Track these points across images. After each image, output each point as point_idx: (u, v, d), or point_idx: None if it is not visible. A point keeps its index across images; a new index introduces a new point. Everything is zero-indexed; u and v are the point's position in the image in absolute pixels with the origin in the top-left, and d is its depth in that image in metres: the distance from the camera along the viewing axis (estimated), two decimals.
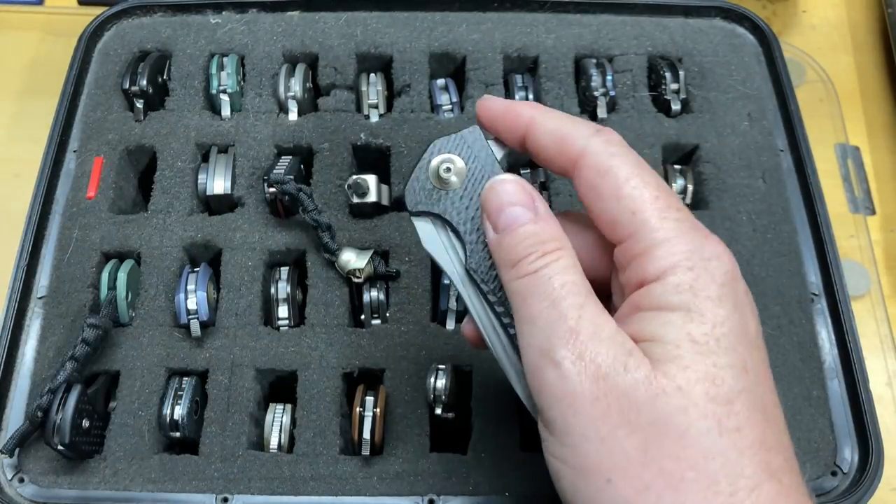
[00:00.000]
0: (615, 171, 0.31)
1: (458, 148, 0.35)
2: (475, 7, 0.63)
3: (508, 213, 0.32)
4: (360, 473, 0.47)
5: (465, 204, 0.35)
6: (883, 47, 0.72)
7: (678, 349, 0.28)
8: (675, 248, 0.30)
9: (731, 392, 0.28)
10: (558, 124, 0.34)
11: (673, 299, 0.29)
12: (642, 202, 0.31)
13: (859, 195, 0.63)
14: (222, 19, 0.62)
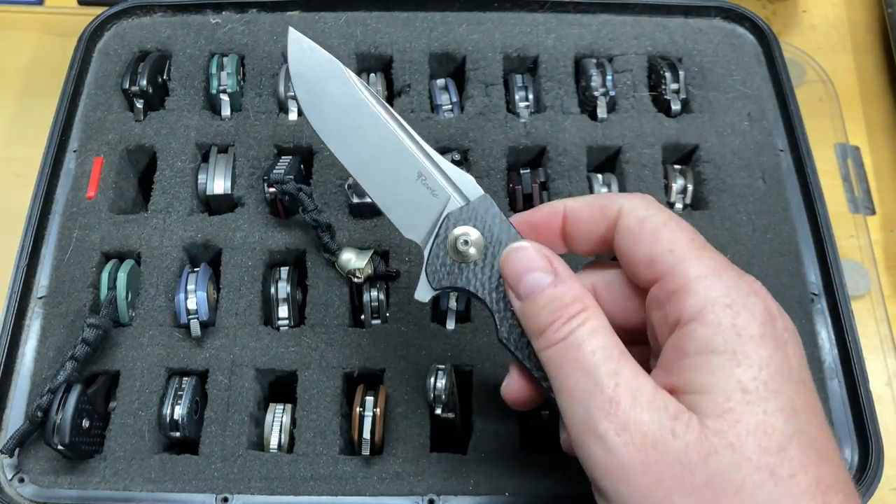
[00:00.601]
0: (652, 218, 0.33)
1: (472, 218, 0.36)
2: (475, 7, 0.63)
3: (528, 279, 0.33)
4: (360, 473, 0.47)
5: (486, 274, 0.36)
6: (883, 47, 0.72)
7: (729, 401, 0.28)
8: (712, 284, 0.30)
9: (783, 438, 0.28)
10: (593, 198, 0.36)
11: (717, 341, 0.29)
12: (679, 242, 0.32)
13: (859, 195, 0.63)
14: (222, 19, 0.62)
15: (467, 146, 0.57)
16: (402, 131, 0.38)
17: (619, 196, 0.35)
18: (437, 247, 0.36)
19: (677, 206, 0.57)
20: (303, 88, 0.38)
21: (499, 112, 0.58)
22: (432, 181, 0.37)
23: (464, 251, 0.35)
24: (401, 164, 0.38)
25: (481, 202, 0.36)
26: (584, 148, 0.57)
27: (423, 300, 0.36)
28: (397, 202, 0.38)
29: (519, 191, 0.56)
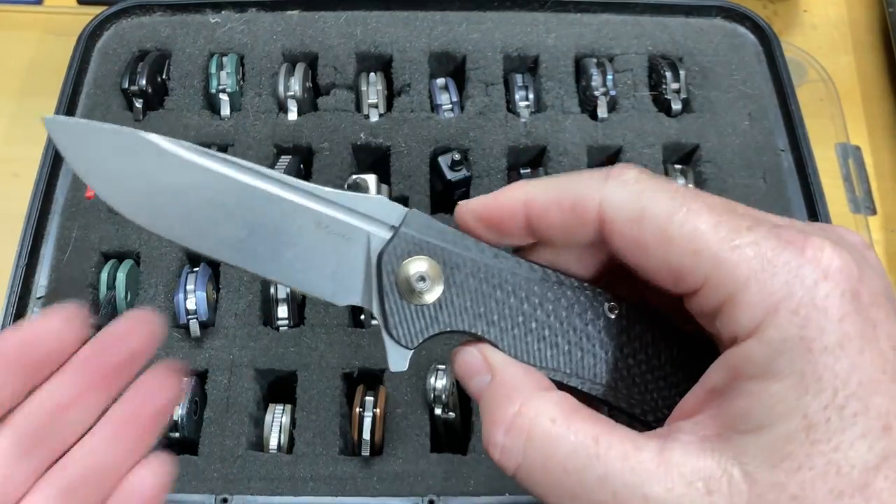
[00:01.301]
0: (651, 210, 0.24)
1: (410, 247, 0.27)
2: (475, 6, 0.62)
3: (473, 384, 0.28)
4: (359, 474, 0.47)
5: (463, 302, 0.28)
6: (884, 47, 0.71)
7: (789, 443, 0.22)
8: (766, 286, 0.22)
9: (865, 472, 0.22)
10: (559, 190, 0.26)
11: (780, 364, 0.22)
12: (702, 236, 0.23)
13: (860, 195, 0.63)
14: (222, 19, 0.62)
15: (467, 146, 0.57)
16: (262, 180, 0.27)
17: (589, 184, 0.26)
18: (388, 299, 0.27)
19: None
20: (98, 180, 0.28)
21: (499, 112, 0.58)
22: (336, 223, 0.28)
23: (423, 289, 0.27)
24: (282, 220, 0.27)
25: (411, 220, 0.27)
26: (585, 148, 0.57)
27: (402, 369, 0.28)
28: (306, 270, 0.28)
29: None
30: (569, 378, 0.28)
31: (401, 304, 0.27)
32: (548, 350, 0.27)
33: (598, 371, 0.27)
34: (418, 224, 0.27)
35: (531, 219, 0.27)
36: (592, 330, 0.28)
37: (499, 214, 0.28)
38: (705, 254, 0.23)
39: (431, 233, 0.27)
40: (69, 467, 0.27)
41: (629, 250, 0.25)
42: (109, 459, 0.28)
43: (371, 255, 0.28)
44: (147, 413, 0.29)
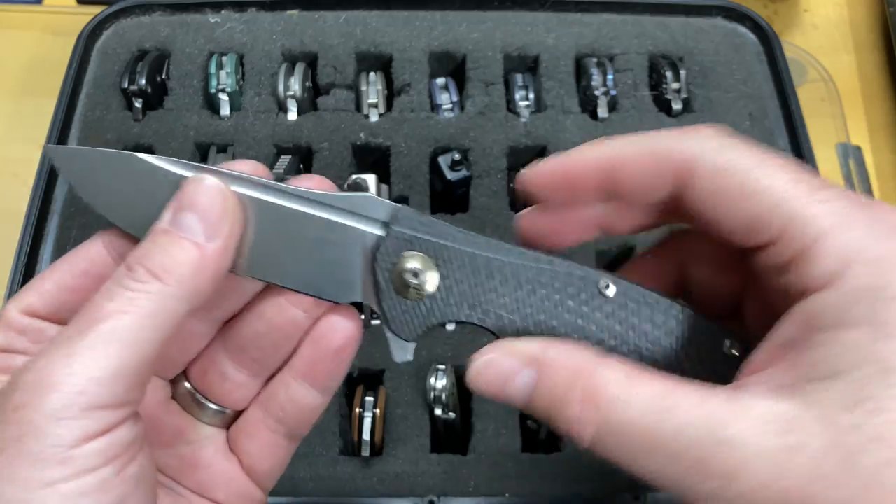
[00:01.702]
0: (735, 163, 0.25)
1: (402, 242, 0.28)
2: (475, 6, 0.62)
3: (514, 390, 0.27)
4: (359, 474, 0.47)
5: (457, 285, 0.28)
6: (884, 47, 0.71)
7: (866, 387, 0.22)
8: (843, 236, 0.23)
9: None
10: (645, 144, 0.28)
11: (854, 312, 0.22)
12: (782, 191, 0.24)
13: (861, 195, 0.63)
14: (221, 18, 0.62)
15: (467, 146, 0.57)
16: (255, 189, 0.28)
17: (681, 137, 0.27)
18: (385, 296, 0.28)
19: None
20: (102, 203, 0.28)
21: (499, 111, 0.58)
22: (330, 225, 0.28)
23: (419, 285, 0.28)
24: (279, 226, 0.28)
25: (402, 217, 0.28)
26: None
27: (406, 360, 0.29)
28: (307, 273, 0.29)
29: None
30: None
31: (398, 299, 0.28)
32: (545, 334, 0.28)
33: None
34: (409, 220, 0.28)
35: (614, 173, 0.28)
36: (587, 310, 0.28)
37: (578, 170, 0.29)
38: (784, 207, 0.24)
39: (422, 228, 0.28)
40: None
41: (709, 202, 0.26)
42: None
43: (367, 252, 0.28)
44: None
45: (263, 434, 0.31)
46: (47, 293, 0.27)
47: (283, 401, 0.31)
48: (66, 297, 0.28)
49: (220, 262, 0.26)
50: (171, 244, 0.25)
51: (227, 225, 0.26)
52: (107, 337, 0.23)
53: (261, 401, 0.31)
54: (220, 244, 0.26)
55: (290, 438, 0.32)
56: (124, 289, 0.24)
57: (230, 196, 0.27)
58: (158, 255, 0.25)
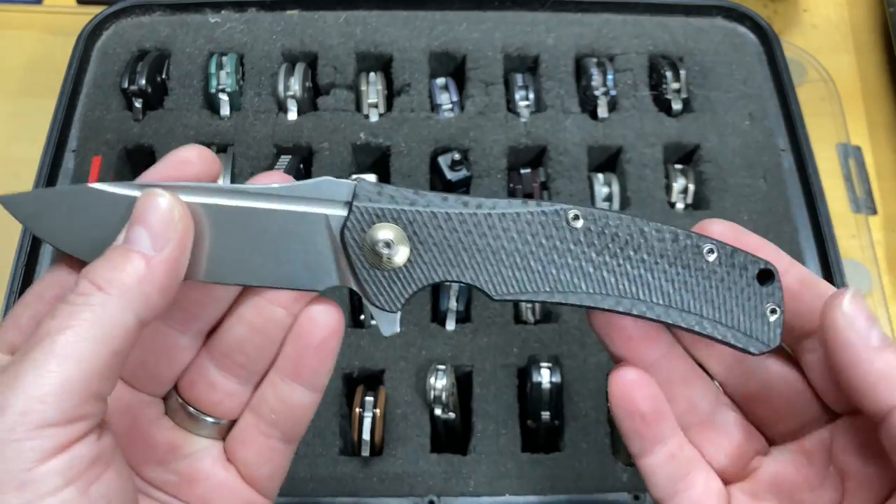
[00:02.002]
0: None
1: (368, 216, 0.28)
2: (475, 6, 0.62)
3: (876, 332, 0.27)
4: (359, 474, 0.47)
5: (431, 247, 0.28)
6: (884, 47, 0.71)
7: None
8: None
9: None
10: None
11: None
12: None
13: (861, 195, 0.63)
14: (221, 18, 0.62)
15: (467, 146, 0.57)
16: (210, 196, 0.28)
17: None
18: (360, 272, 0.28)
19: (678, 206, 0.57)
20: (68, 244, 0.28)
21: (499, 111, 0.58)
22: (293, 215, 0.28)
23: (390, 255, 0.28)
24: (241, 227, 0.28)
25: (361, 192, 0.28)
26: (585, 147, 0.57)
27: (395, 331, 0.29)
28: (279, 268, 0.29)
29: (519, 190, 0.56)
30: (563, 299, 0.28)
31: (373, 273, 0.28)
32: (524, 276, 0.28)
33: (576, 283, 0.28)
34: (369, 193, 0.28)
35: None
36: (560, 244, 0.28)
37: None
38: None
39: (384, 199, 0.28)
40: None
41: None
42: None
43: (334, 234, 0.28)
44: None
45: (258, 440, 0.31)
46: (25, 327, 0.27)
47: (272, 403, 0.30)
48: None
49: (170, 271, 0.26)
50: (119, 258, 0.25)
51: (175, 234, 0.26)
52: (48, 353, 0.23)
53: (251, 406, 0.31)
54: (167, 253, 0.26)
55: (285, 441, 0.31)
56: (67, 304, 0.24)
57: (177, 206, 0.27)
58: (102, 269, 0.25)
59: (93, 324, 0.24)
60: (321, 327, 0.29)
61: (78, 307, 0.24)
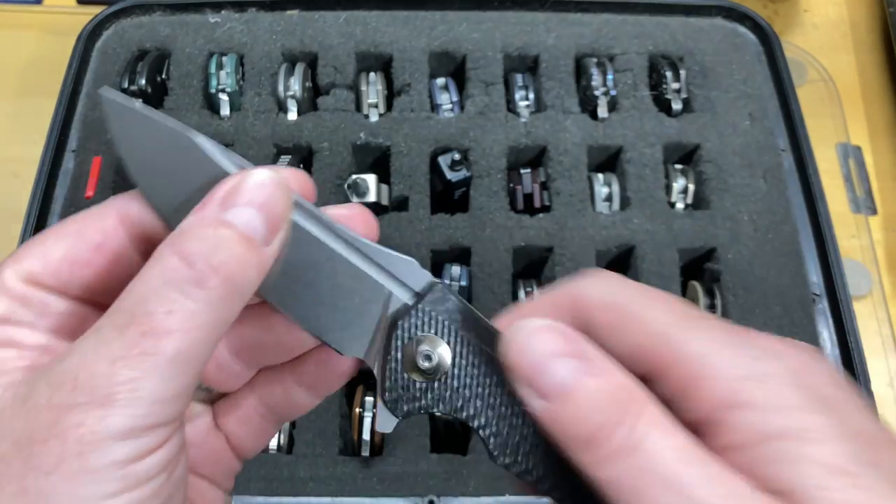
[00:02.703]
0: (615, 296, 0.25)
1: (427, 320, 0.26)
2: (475, 6, 0.62)
3: (555, 371, 0.23)
4: (359, 474, 0.47)
5: (464, 382, 0.26)
6: (884, 47, 0.71)
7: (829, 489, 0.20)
8: (719, 360, 0.23)
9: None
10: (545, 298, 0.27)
11: (776, 423, 0.21)
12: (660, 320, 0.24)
13: (861, 195, 0.63)
14: (221, 18, 0.62)
15: (467, 146, 0.57)
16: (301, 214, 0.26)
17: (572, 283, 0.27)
18: (391, 366, 0.27)
19: (678, 206, 0.57)
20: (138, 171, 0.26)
21: (499, 111, 0.58)
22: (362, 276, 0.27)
23: (427, 369, 0.26)
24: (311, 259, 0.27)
25: (434, 294, 0.27)
26: (585, 147, 0.57)
27: (387, 431, 0.27)
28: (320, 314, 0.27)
29: (519, 190, 0.56)
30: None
31: (401, 374, 0.27)
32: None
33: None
34: (442, 299, 0.27)
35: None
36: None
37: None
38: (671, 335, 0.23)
39: (452, 313, 0.27)
40: None
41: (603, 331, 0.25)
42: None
43: (386, 314, 0.27)
44: None
45: (254, 420, 0.30)
46: (54, 263, 0.24)
47: (279, 399, 0.30)
48: (76, 272, 0.25)
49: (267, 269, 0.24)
50: (234, 243, 0.22)
51: (284, 230, 0.24)
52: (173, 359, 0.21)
53: (255, 391, 0.30)
54: (276, 248, 0.24)
55: (278, 424, 0.31)
56: (185, 297, 0.22)
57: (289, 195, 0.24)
58: (224, 255, 0.22)
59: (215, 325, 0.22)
60: (347, 360, 0.29)
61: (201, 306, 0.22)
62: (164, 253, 0.22)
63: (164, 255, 0.22)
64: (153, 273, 0.22)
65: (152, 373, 0.21)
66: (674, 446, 0.22)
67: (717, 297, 0.54)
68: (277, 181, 0.24)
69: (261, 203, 0.23)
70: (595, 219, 0.55)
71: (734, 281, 0.53)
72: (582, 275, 0.27)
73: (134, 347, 0.21)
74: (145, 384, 0.21)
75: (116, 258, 0.25)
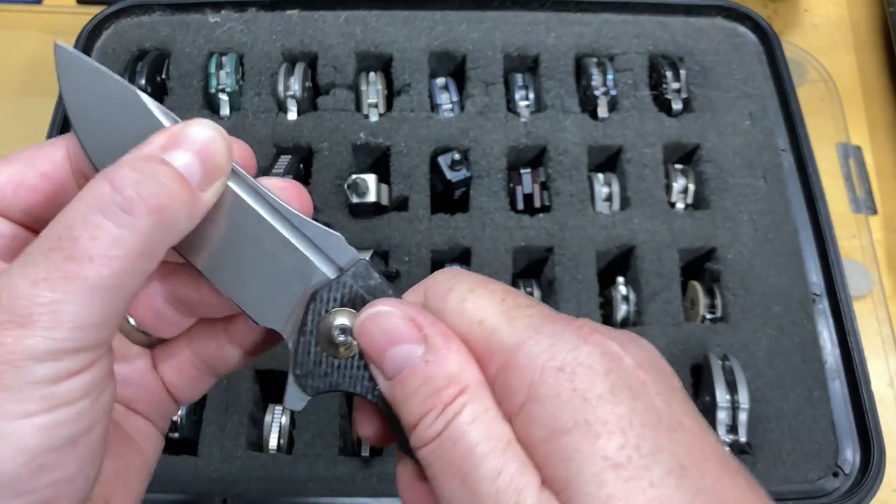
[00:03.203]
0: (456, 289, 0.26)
1: (347, 295, 0.26)
2: (475, 6, 0.62)
3: (392, 355, 0.24)
4: (359, 474, 0.47)
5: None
6: (884, 46, 0.71)
7: (604, 486, 0.21)
8: (533, 348, 0.23)
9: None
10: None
11: (562, 417, 0.22)
12: (487, 309, 0.25)
13: (861, 195, 0.63)
14: (221, 18, 0.62)
15: (467, 146, 0.57)
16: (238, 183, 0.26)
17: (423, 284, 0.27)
18: (306, 339, 0.26)
19: (679, 206, 0.57)
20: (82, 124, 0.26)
21: (499, 111, 0.58)
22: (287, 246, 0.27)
23: (342, 343, 0.26)
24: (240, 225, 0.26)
25: (358, 271, 0.26)
26: (585, 147, 0.57)
27: (296, 409, 0.27)
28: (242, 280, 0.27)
29: (519, 190, 0.56)
30: None
31: (315, 350, 0.26)
32: None
33: None
34: (365, 275, 0.26)
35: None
36: None
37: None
38: (487, 322, 0.24)
39: (373, 290, 0.26)
40: None
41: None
42: None
43: (307, 289, 0.27)
44: None
45: (189, 371, 0.30)
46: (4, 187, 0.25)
47: (212, 353, 0.30)
48: (20, 195, 0.25)
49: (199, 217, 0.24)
50: (168, 178, 0.23)
51: (221, 181, 0.24)
52: (95, 284, 0.21)
53: (191, 343, 0.30)
54: (210, 197, 0.24)
55: (213, 377, 0.31)
56: (112, 223, 0.22)
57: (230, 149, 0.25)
58: (155, 187, 0.22)
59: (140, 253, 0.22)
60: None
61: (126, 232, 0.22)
62: (97, 179, 0.22)
63: (95, 182, 0.22)
64: (83, 199, 0.22)
65: (74, 297, 0.21)
66: (476, 439, 0.23)
67: (717, 297, 0.54)
68: (220, 133, 0.24)
69: (199, 149, 0.24)
70: (595, 219, 0.55)
71: (734, 281, 0.53)
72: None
73: (56, 270, 0.21)
74: (67, 308, 0.21)
75: (60, 188, 0.25)
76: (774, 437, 0.49)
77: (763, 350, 0.51)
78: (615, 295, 0.53)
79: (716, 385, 0.47)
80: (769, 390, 0.50)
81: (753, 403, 0.48)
